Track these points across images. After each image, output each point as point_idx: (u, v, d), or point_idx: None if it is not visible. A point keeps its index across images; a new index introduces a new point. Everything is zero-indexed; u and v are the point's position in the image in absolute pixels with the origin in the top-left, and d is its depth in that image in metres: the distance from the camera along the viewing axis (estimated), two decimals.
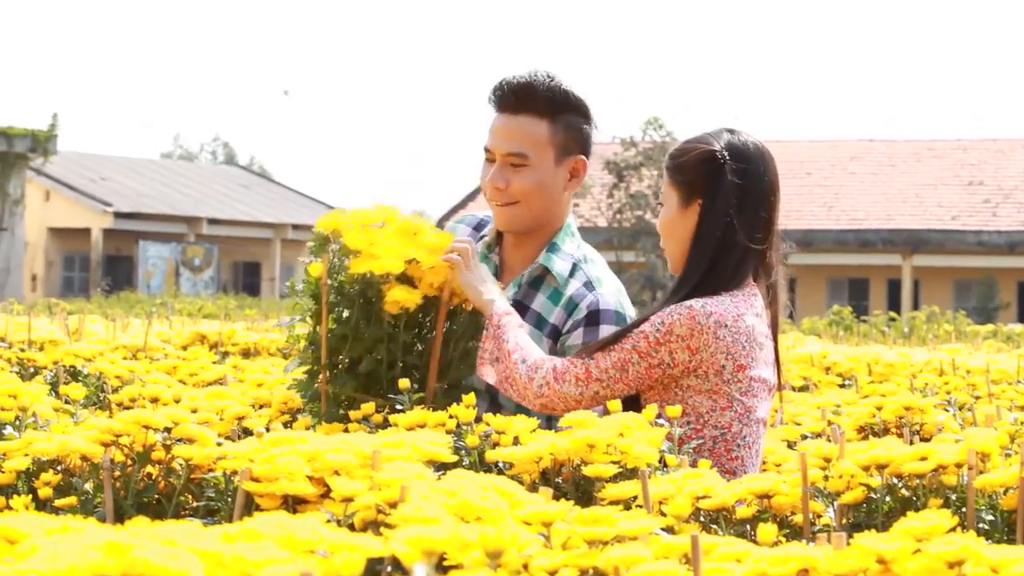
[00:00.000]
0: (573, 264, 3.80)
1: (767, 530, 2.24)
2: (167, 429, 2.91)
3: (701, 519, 2.63)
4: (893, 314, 24.82)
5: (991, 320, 32.94)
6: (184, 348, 7.24)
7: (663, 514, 2.46)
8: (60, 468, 2.94)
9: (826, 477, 2.73)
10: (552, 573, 1.94)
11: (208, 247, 47.80)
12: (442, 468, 2.59)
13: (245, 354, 7.45)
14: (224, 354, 7.35)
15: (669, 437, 2.99)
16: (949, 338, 16.93)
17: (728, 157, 3.48)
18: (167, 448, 2.90)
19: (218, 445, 2.86)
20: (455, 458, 2.70)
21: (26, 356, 5.88)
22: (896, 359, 7.82)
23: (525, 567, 1.94)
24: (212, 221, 48.34)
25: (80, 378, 5.34)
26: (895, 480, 2.71)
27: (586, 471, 2.69)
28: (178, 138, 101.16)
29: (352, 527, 2.29)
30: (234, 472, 2.65)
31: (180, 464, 2.88)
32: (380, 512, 2.28)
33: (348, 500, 2.32)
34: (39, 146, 38.90)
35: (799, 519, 2.69)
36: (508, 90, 3.77)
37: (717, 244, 3.47)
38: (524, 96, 3.75)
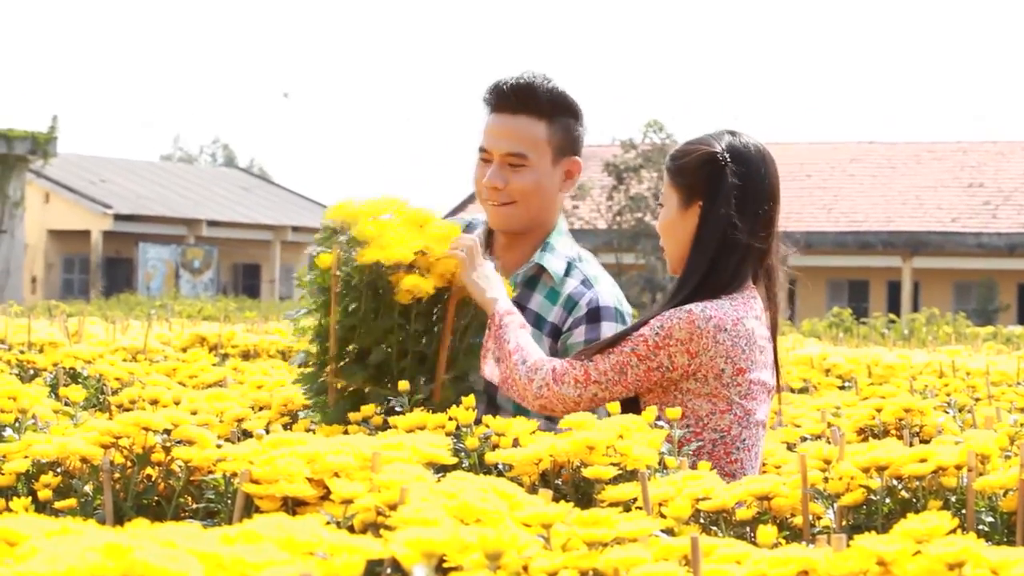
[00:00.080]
0: (568, 263, 3.82)
1: (767, 532, 2.24)
2: (167, 431, 2.91)
3: (701, 521, 2.63)
4: (893, 316, 24.83)
5: (991, 322, 32.95)
6: (184, 350, 7.24)
7: (663, 516, 2.46)
8: (60, 470, 2.94)
9: (826, 479, 2.73)
10: (552, 575, 1.94)
11: (208, 249, 47.81)
12: (442, 470, 2.59)
13: (245, 356, 7.46)
14: (224, 356, 7.35)
15: (669, 439, 2.99)
16: (949, 340, 16.95)
17: (729, 159, 3.48)
18: (167, 450, 2.90)
19: (218, 447, 2.85)
20: (455, 460, 2.70)
21: (26, 358, 5.88)
22: (896, 361, 7.83)
23: (525, 569, 1.94)
24: (212, 223, 48.36)
25: (80, 380, 5.35)
26: (895, 482, 2.71)
27: (586, 473, 2.69)
28: (178, 140, 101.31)
29: (352, 529, 2.29)
30: (234, 474, 2.65)
31: (180, 466, 2.88)
32: (380, 514, 2.28)
33: (348, 502, 2.32)
34: (39, 148, 38.93)
35: (799, 521, 2.69)
36: (508, 90, 3.78)
37: (717, 246, 3.47)
38: (524, 97, 3.76)
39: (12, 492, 2.93)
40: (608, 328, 3.73)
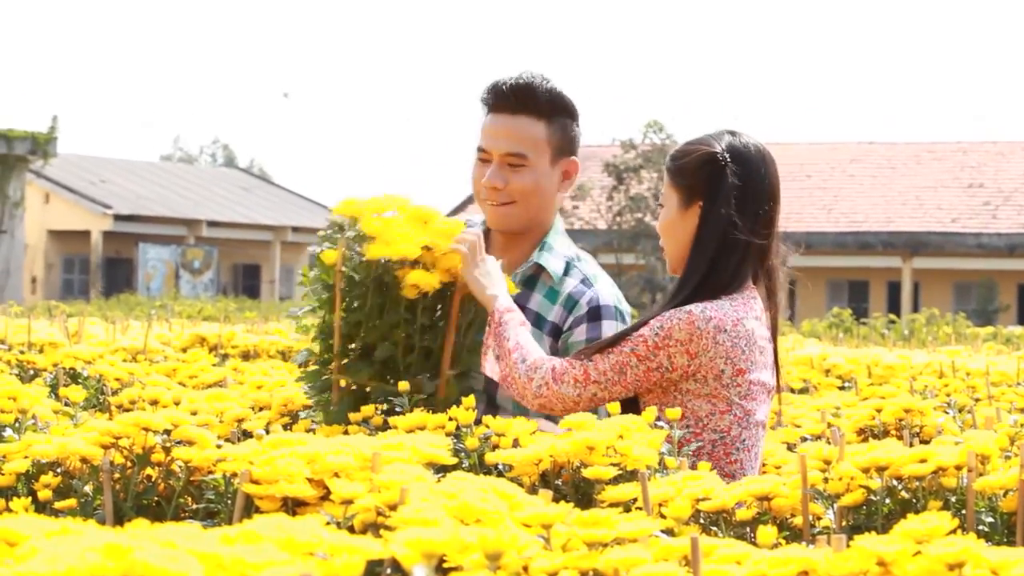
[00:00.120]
0: (567, 262, 3.83)
1: (767, 532, 2.24)
2: (167, 431, 2.91)
3: (701, 521, 2.63)
4: (893, 316, 24.83)
5: (991, 322, 32.95)
6: (184, 350, 7.24)
7: (663, 516, 2.46)
8: (60, 470, 2.94)
9: (826, 479, 2.73)
10: (552, 575, 1.94)
11: (208, 249, 47.81)
12: (442, 470, 2.59)
13: (245, 356, 7.45)
14: (224, 356, 7.35)
15: (669, 439, 2.99)
16: (949, 340, 16.95)
17: (729, 159, 3.48)
18: (167, 450, 2.90)
19: (218, 447, 2.85)
20: (455, 460, 2.70)
21: (26, 358, 5.88)
22: (896, 361, 7.83)
23: (525, 569, 1.94)
24: (212, 223, 48.35)
25: (80, 380, 5.34)
26: (895, 482, 2.71)
27: (586, 473, 2.69)
28: (178, 140, 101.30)
29: (352, 529, 2.29)
30: (234, 474, 2.65)
31: (180, 466, 2.88)
32: (380, 514, 2.28)
33: (348, 502, 2.32)
34: (39, 148, 38.92)
35: (799, 521, 2.69)
36: (507, 90, 3.78)
37: (717, 246, 3.46)
38: (524, 97, 3.77)
39: (12, 492, 2.93)
40: (609, 326, 3.74)
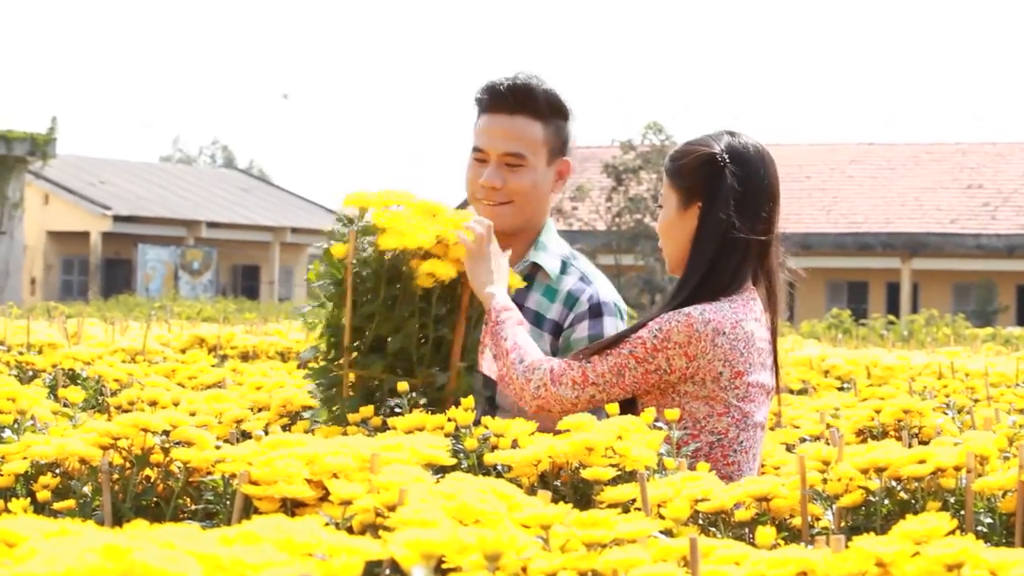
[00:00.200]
0: (562, 261, 3.85)
1: (766, 533, 2.24)
2: (166, 432, 2.91)
3: (699, 522, 2.63)
4: (892, 317, 24.85)
5: (990, 323, 32.97)
6: (183, 351, 7.24)
7: (662, 517, 2.47)
8: (59, 471, 2.94)
9: (825, 480, 2.73)
10: (550, 575, 1.94)
11: (207, 250, 47.80)
12: (440, 471, 2.59)
13: (244, 357, 7.45)
14: (223, 357, 7.35)
15: (667, 440, 2.99)
16: (948, 341, 16.95)
17: (728, 160, 3.47)
18: (165, 451, 2.90)
19: (216, 448, 2.85)
20: (453, 461, 2.70)
21: (25, 359, 5.88)
22: (895, 362, 7.83)
23: (524, 570, 1.94)
24: (211, 224, 48.34)
25: (79, 381, 5.34)
26: (894, 483, 2.71)
27: (585, 474, 2.69)
28: (177, 141, 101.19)
29: (351, 530, 2.29)
30: (232, 475, 2.65)
31: (178, 467, 2.88)
32: (379, 515, 2.28)
33: (346, 503, 2.32)
34: (38, 149, 38.92)
35: (798, 522, 2.69)
36: (506, 91, 3.79)
37: (716, 246, 3.45)
38: (522, 97, 3.78)
39: (11, 493, 2.93)
40: (609, 323, 3.76)
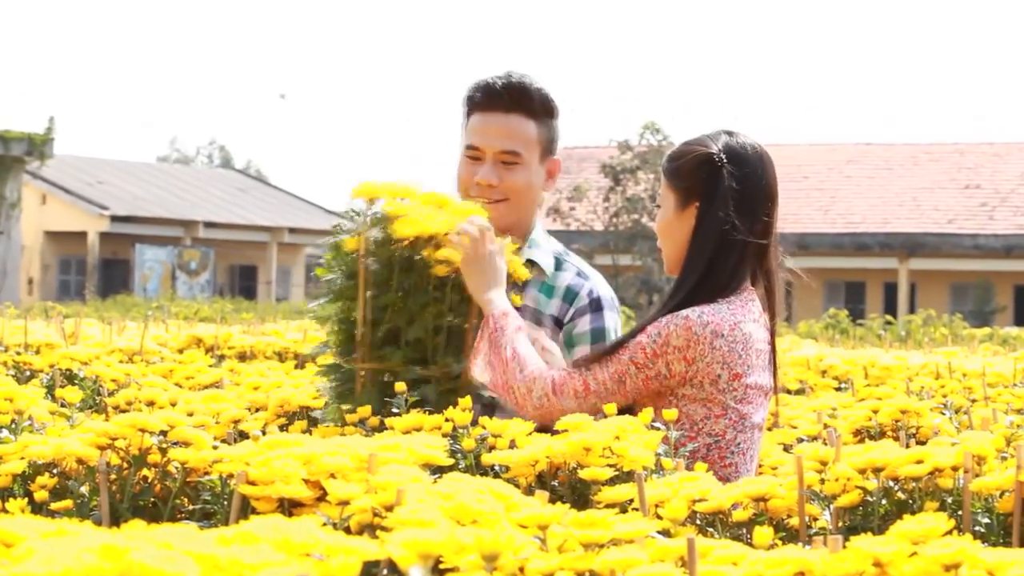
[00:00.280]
0: (556, 257, 3.87)
1: (763, 533, 2.24)
2: (163, 432, 2.90)
3: (697, 522, 2.63)
4: (889, 317, 24.86)
5: (987, 323, 33.00)
6: (180, 351, 7.24)
7: (659, 517, 2.46)
8: (56, 471, 2.93)
9: (822, 480, 2.73)
10: None
11: (204, 250, 47.78)
12: (438, 471, 2.59)
13: (241, 357, 7.45)
14: (220, 357, 7.35)
15: (665, 440, 2.99)
16: (945, 341, 16.95)
17: (725, 160, 3.46)
18: (163, 451, 2.90)
19: (214, 448, 2.85)
20: (451, 461, 2.70)
21: (22, 359, 5.88)
22: (892, 362, 7.82)
23: (521, 570, 1.94)
24: (208, 224, 48.32)
25: (76, 381, 5.34)
26: (891, 483, 2.71)
27: (582, 474, 2.69)
28: (174, 142, 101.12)
29: (348, 530, 2.29)
30: (230, 475, 2.65)
31: (176, 467, 2.88)
32: (376, 515, 2.28)
33: (344, 503, 2.32)
34: (35, 149, 38.91)
35: (795, 522, 2.69)
36: (501, 89, 3.80)
37: (714, 247, 3.44)
38: (518, 96, 3.80)
39: (8, 493, 2.92)
40: (610, 317, 3.81)
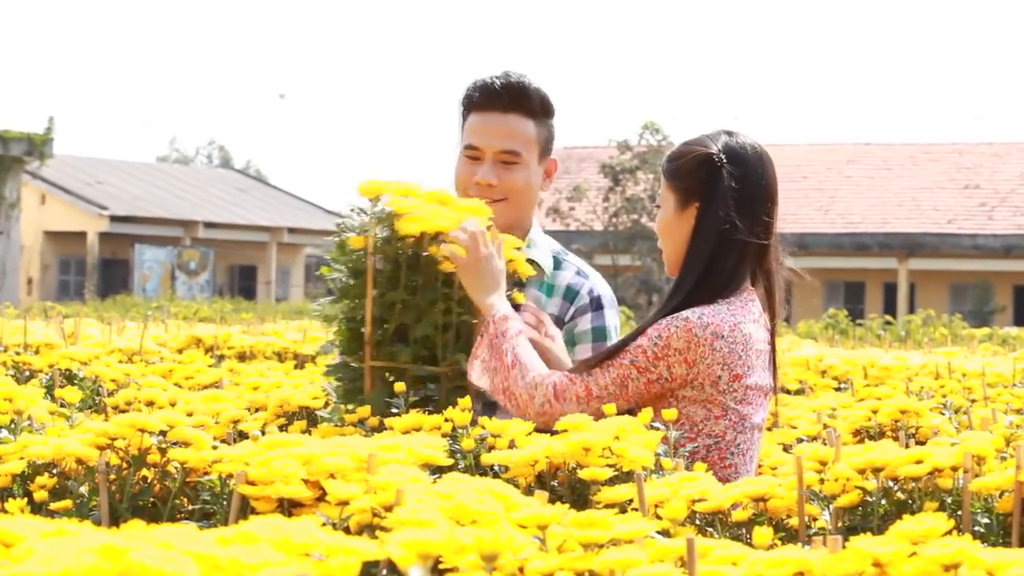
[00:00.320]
0: (554, 257, 3.88)
1: (763, 533, 2.24)
2: (162, 432, 2.90)
3: (697, 522, 2.63)
4: (889, 317, 24.86)
5: (987, 323, 33.01)
6: (180, 351, 7.24)
7: (659, 517, 2.46)
8: (55, 471, 2.93)
9: (822, 480, 2.73)
10: None
11: (204, 251, 47.78)
12: (438, 471, 2.59)
13: (241, 357, 7.45)
14: (220, 357, 7.35)
15: (665, 441, 2.99)
16: (945, 341, 16.96)
17: (725, 160, 3.46)
18: (162, 451, 2.90)
19: (214, 448, 2.85)
20: (451, 461, 2.70)
21: (22, 359, 5.88)
22: (892, 362, 7.82)
23: (521, 570, 1.94)
24: (208, 224, 48.33)
25: (76, 381, 5.34)
26: (891, 483, 2.71)
27: (582, 474, 2.69)
28: (174, 142, 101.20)
29: (348, 530, 2.29)
30: (230, 475, 2.65)
31: (176, 467, 2.88)
32: (376, 515, 2.28)
33: (344, 503, 2.32)
34: (35, 149, 38.90)
35: (795, 522, 2.69)
36: (501, 89, 3.80)
37: (714, 247, 3.44)
38: (517, 96, 3.81)
39: (8, 493, 2.92)
40: (610, 316, 3.83)
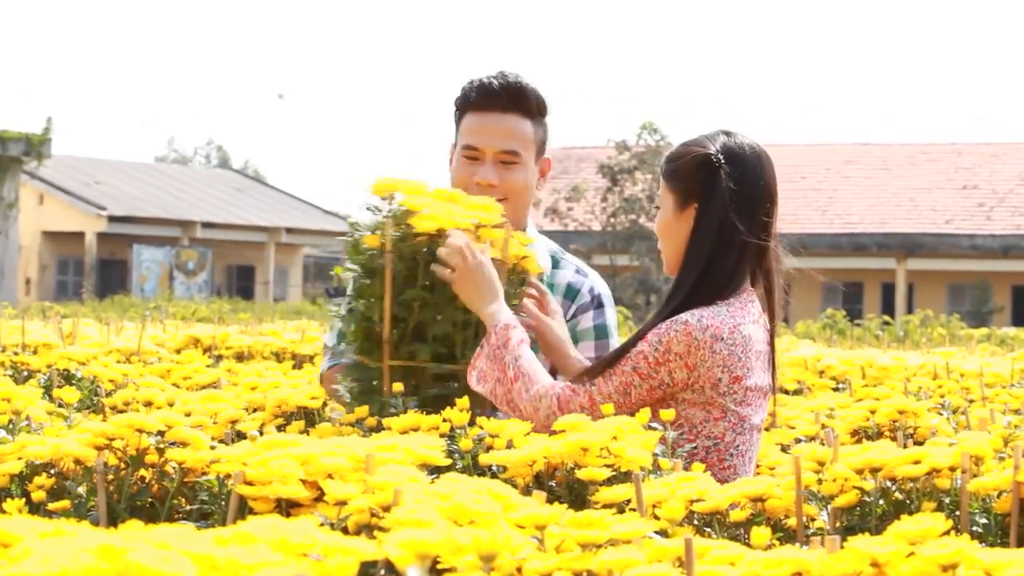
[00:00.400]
0: (552, 256, 3.89)
1: (761, 534, 2.24)
2: (160, 433, 2.90)
3: (695, 522, 2.63)
4: (887, 318, 24.87)
5: (985, 324, 33.03)
6: (178, 352, 7.24)
7: (657, 517, 2.46)
8: (53, 472, 2.93)
9: (820, 480, 2.73)
10: None
11: (202, 251, 47.79)
12: (436, 472, 2.59)
13: (239, 358, 7.45)
14: (218, 358, 7.35)
15: (663, 441, 2.99)
16: (943, 342, 16.98)
17: (723, 160, 3.45)
18: (160, 452, 2.90)
19: (212, 448, 2.85)
20: (449, 462, 2.70)
21: (20, 360, 5.88)
22: (890, 363, 7.82)
23: (519, 570, 1.94)
24: (206, 225, 48.33)
25: (74, 382, 5.34)
26: (889, 483, 2.71)
27: (580, 474, 2.69)
28: (172, 142, 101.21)
29: (346, 531, 2.29)
30: (227, 476, 2.65)
31: (173, 468, 2.88)
32: (374, 515, 2.28)
33: (342, 503, 2.32)
34: (33, 150, 38.90)
35: (793, 522, 2.69)
36: (499, 89, 3.81)
37: (713, 247, 3.43)
38: (515, 96, 3.82)
39: (6, 493, 2.92)
40: (611, 314, 3.88)
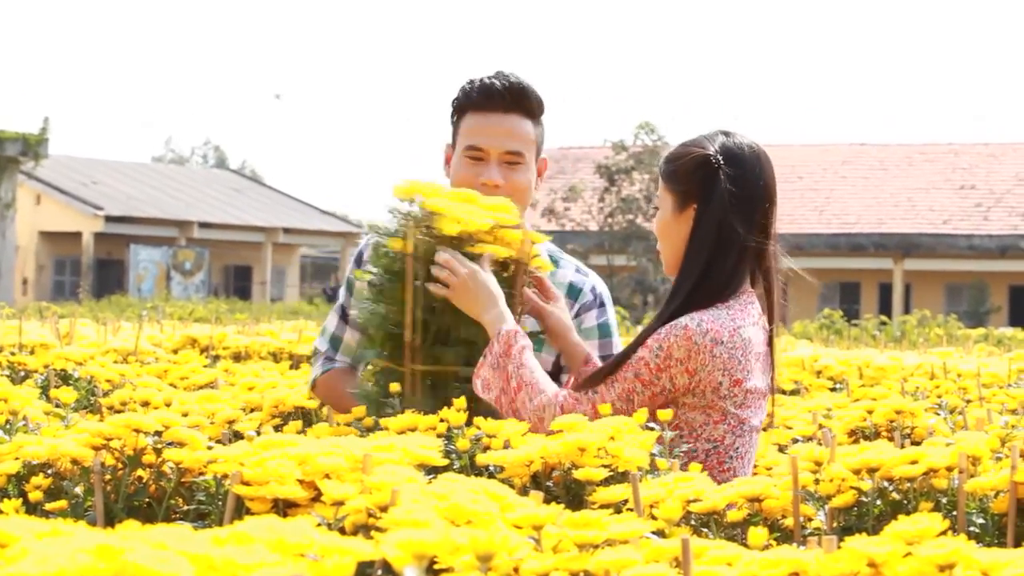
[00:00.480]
0: (550, 256, 3.89)
1: (758, 534, 2.24)
2: (158, 433, 2.90)
3: (692, 523, 2.63)
4: (884, 318, 24.88)
5: (982, 324, 33.03)
6: (175, 352, 7.23)
7: (654, 517, 2.47)
8: (50, 472, 2.93)
9: (817, 480, 2.73)
10: None
11: (199, 251, 47.77)
12: (433, 472, 2.59)
13: (236, 358, 7.44)
14: (215, 358, 7.34)
15: (660, 441, 2.99)
16: (940, 342, 16.98)
17: (723, 161, 3.44)
18: (157, 452, 2.90)
19: (209, 449, 2.85)
20: (446, 462, 2.70)
21: (17, 360, 5.87)
22: (887, 363, 7.82)
23: (516, 570, 1.94)
24: (203, 225, 48.32)
25: (71, 382, 5.33)
26: (886, 483, 2.71)
27: (577, 475, 2.69)
28: (169, 142, 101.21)
29: (343, 531, 2.29)
30: (225, 476, 2.65)
31: (171, 468, 2.88)
32: (371, 516, 2.28)
33: (339, 504, 2.32)
34: (30, 150, 38.87)
35: (790, 523, 2.69)
36: (502, 90, 3.81)
37: (712, 248, 3.42)
38: (518, 97, 3.83)
39: (3, 494, 2.92)
40: (612, 313, 3.92)
